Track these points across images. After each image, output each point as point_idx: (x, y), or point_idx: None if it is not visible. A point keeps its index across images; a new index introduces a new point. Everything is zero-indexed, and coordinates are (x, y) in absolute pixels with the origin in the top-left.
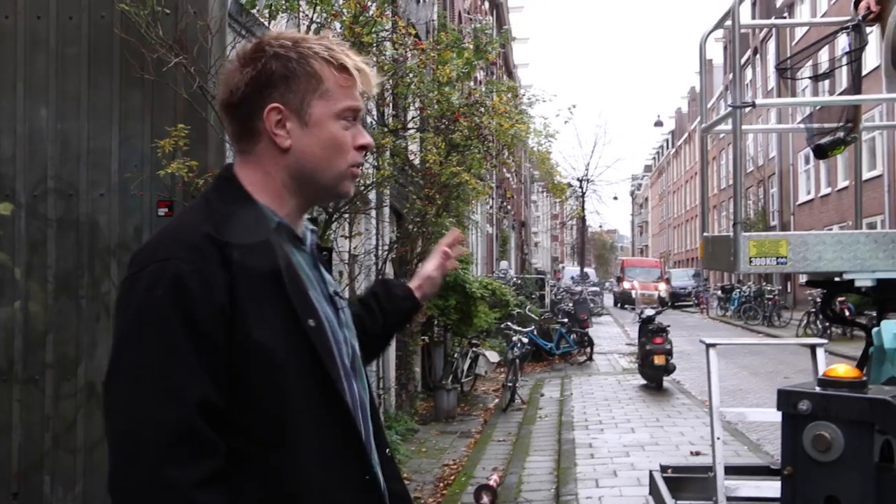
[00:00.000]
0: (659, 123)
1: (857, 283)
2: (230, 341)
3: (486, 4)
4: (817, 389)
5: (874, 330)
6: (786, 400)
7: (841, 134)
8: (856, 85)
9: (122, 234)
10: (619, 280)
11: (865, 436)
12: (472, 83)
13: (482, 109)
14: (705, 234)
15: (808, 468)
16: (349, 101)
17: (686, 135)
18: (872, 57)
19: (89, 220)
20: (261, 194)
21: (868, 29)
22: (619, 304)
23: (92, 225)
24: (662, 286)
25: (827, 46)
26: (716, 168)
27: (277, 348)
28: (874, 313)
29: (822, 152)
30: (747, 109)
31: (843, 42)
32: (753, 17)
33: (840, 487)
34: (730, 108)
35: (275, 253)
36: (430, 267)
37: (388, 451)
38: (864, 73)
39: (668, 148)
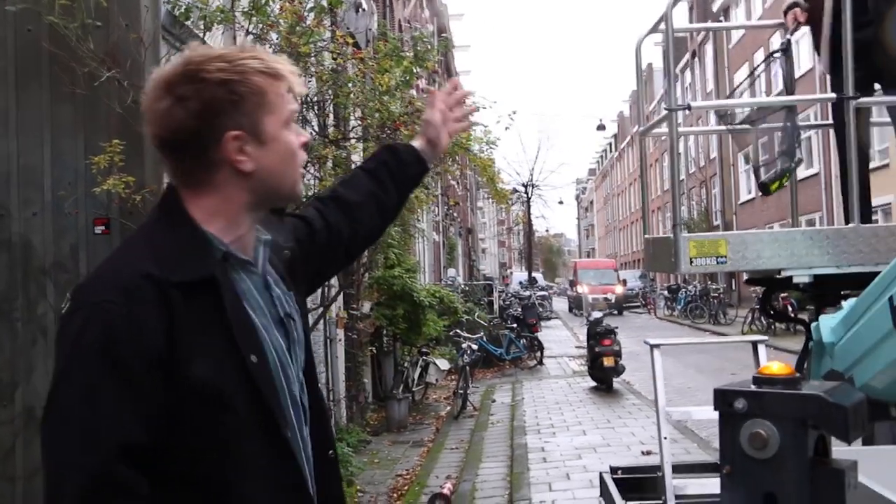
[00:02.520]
0: (601, 127)
1: (795, 280)
2: (167, 382)
3: (427, 13)
4: (752, 388)
5: (812, 325)
6: (722, 399)
7: (779, 164)
8: (788, 90)
9: (57, 253)
10: (573, 283)
11: (800, 432)
12: (413, 92)
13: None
14: (646, 236)
15: (745, 466)
16: (289, 106)
17: (629, 138)
18: (805, 60)
19: (22, 240)
20: (211, 221)
21: (798, 32)
22: (573, 310)
23: (25, 245)
24: (619, 289)
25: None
26: (658, 171)
27: (221, 386)
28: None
29: (765, 189)
30: (685, 112)
31: (774, 67)
32: (691, 21)
33: (778, 484)
34: (665, 112)
35: (219, 290)
36: (432, 117)
37: (331, 452)
38: (796, 76)
39: (611, 151)
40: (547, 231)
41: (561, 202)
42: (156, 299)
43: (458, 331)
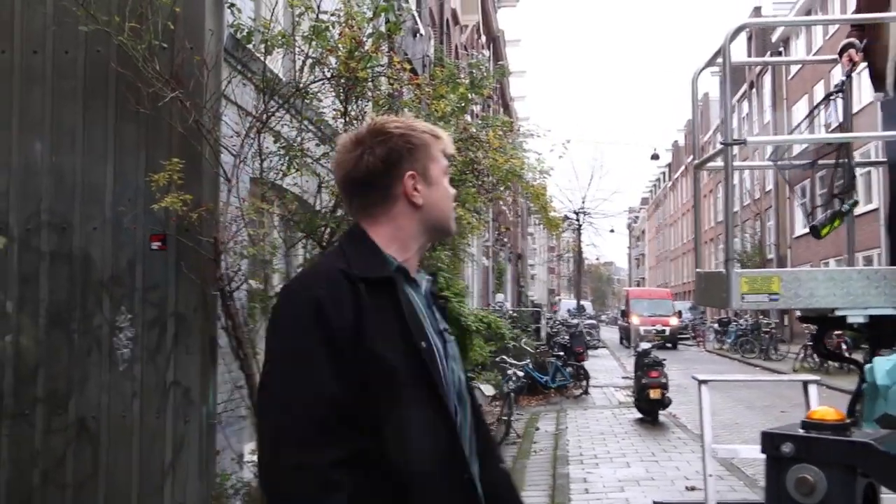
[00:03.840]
0: (655, 156)
1: (850, 320)
2: (356, 354)
3: (483, 38)
4: (800, 432)
5: (866, 367)
6: (769, 442)
7: (835, 205)
8: (845, 129)
9: (115, 267)
10: (624, 313)
11: (848, 479)
12: (467, 117)
13: (476, 144)
14: (697, 269)
15: None
16: (445, 161)
17: (682, 168)
18: (864, 96)
19: (82, 253)
20: (387, 245)
21: (857, 69)
22: (623, 341)
23: (85, 258)
24: (674, 320)
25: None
26: (712, 201)
27: (396, 362)
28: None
29: (816, 232)
30: (739, 146)
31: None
32: (749, 52)
33: None
34: (721, 146)
35: (395, 287)
36: None
37: (502, 465)
38: (853, 112)
39: (664, 181)
40: (597, 259)
41: (612, 230)
42: (349, 289)
43: (504, 357)
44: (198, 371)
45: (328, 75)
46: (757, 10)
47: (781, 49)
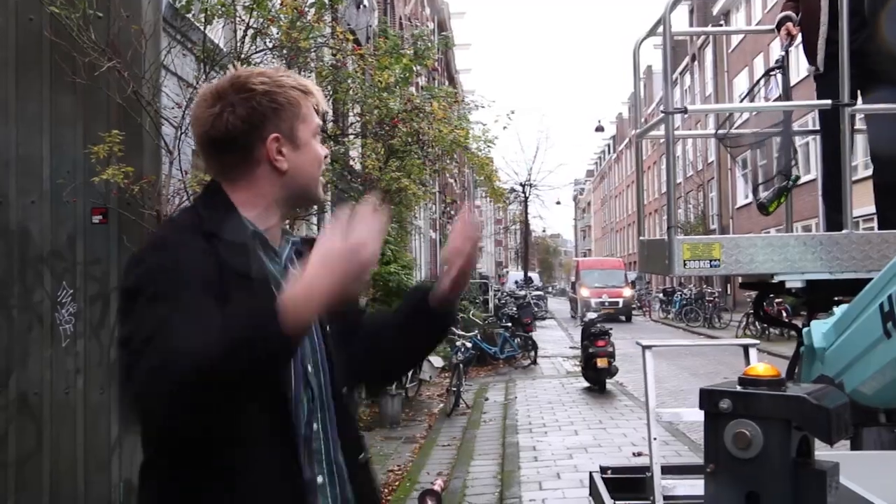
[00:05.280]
0: (600, 129)
1: (788, 285)
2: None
3: (428, 10)
4: (737, 388)
5: (804, 330)
6: (708, 399)
7: (776, 183)
8: (786, 97)
9: (54, 241)
10: (574, 286)
11: (783, 432)
12: (412, 89)
13: (421, 115)
14: (641, 237)
15: (729, 465)
16: (317, 120)
17: (627, 140)
18: (802, 66)
19: (20, 228)
20: (246, 209)
21: (794, 44)
22: (575, 315)
23: (23, 233)
24: (628, 291)
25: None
26: (656, 173)
27: None
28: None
29: (763, 209)
30: (683, 115)
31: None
32: (691, 24)
33: (760, 483)
34: (662, 115)
35: (249, 253)
36: (453, 258)
37: (362, 455)
38: (791, 84)
39: (609, 153)
40: (544, 231)
41: (558, 203)
42: (207, 245)
43: (452, 328)
44: None
45: (270, 45)
46: None
47: (722, 22)
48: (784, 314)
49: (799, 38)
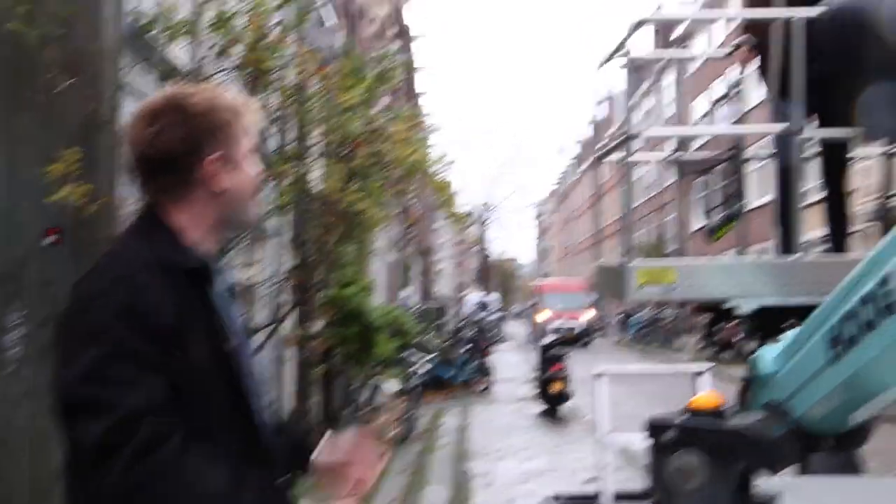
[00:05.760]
0: (562, 150)
1: (739, 310)
2: (172, 356)
3: (392, 32)
4: (682, 419)
5: (750, 358)
6: (653, 429)
7: (723, 209)
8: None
9: (3, 264)
10: (535, 308)
11: (725, 464)
12: (373, 110)
13: (383, 136)
14: (597, 263)
15: (672, 497)
16: (252, 139)
17: (588, 162)
18: (756, 92)
19: None
20: (186, 232)
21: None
22: (533, 338)
23: None
24: (590, 313)
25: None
26: (616, 195)
27: (207, 366)
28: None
29: (710, 234)
30: (641, 138)
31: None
32: (657, 45)
33: None
34: (620, 140)
35: (205, 280)
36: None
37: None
38: (747, 109)
39: (572, 174)
40: (502, 254)
41: (519, 225)
42: (166, 280)
43: (410, 351)
44: None
45: (232, 65)
46: (660, 9)
47: (685, 45)
48: (741, 336)
49: (756, 63)
